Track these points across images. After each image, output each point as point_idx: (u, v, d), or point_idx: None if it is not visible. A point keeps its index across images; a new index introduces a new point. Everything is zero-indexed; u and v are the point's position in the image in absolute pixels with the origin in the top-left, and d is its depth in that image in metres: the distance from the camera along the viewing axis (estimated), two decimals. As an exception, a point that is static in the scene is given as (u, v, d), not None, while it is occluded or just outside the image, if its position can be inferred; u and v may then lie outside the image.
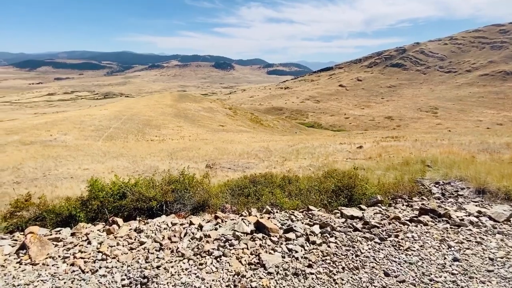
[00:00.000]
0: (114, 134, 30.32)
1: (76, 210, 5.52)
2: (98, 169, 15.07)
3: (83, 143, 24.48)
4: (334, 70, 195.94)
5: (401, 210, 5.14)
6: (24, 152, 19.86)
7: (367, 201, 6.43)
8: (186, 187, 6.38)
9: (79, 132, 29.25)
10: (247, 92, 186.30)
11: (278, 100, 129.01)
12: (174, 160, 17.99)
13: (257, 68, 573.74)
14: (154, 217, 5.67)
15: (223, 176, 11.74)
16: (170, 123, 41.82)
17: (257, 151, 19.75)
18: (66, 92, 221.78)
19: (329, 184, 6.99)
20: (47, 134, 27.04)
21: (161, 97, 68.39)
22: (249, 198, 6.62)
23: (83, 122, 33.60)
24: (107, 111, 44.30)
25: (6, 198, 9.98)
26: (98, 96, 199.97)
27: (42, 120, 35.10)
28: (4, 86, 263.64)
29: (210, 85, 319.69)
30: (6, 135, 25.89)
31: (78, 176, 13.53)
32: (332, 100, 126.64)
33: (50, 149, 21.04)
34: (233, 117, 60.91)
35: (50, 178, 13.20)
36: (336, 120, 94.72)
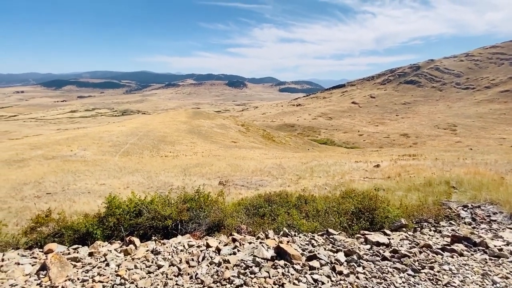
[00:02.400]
0: (130, 149, 31.11)
1: (93, 227, 5.54)
2: (114, 185, 15.32)
3: (100, 158, 25.21)
4: (346, 87, 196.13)
5: (429, 237, 4.81)
6: (46, 166, 20.62)
7: (390, 224, 6.09)
8: (201, 205, 6.31)
9: (98, 147, 30.23)
10: (259, 109, 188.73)
11: (290, 117, 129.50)
12: (188, 176, 18.07)
13: (269, 86, 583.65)
14: (169, 236, 5.59)
15: (237, 194, 11.61)
16: (184, 139, 42.60)
17: (270, 168, 19.56)
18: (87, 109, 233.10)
19: (348, 205, 6.72)
20: (68, 149, 28.12)
21: (176, 114, 70.35)
22: (264, 219, 6.44)
23: (101, 138, 34.81)
24: (124, 128, 45.86)
25: (27, 212, 10.25)
26: (117, 113, 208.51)
27: (64, 136, 36.70)
28: (32, 103, 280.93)
29: (223, 102, 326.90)
30: (30, 149, 27.13)
31: (95, 191, 13.79)
32: (345, 117, 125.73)
33: (70, 164, 21.76)
34: (245, 133, 61.38)
35: (68, 193, 13.51)
36: (349, 137, 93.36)
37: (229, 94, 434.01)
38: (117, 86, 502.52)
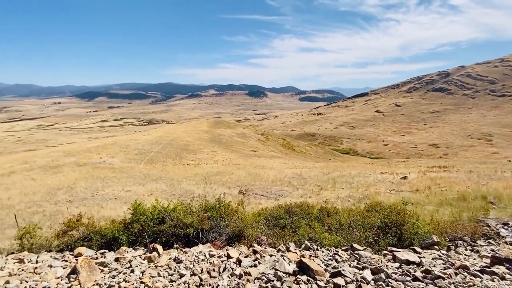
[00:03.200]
0: (154, 157, 32.30)
1: (119, 232, 5.75)
2: (139, 191, 15.90)
3: (127, 166, 26.39)
4: (369, 96, 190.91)
5: (465, 257, 4.42)
6: (78, 172, 21.95)
7: (420, 242, 5.70)
8: (221, 214, 6.34)
9: (125, 155, 31.74)
10: (279, 118, 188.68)
11: (311, 126, 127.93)
12: (208, 184, 18.31)
13: (289, 95, 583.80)
14: (190, 244, 5.65)
15: (256, 204, 11.53)
16: (205, 148, 43.51)
17: (290, 178, 19.29)
18: (116, 119, 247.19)
19: (373, 219, 6.40)
20: (98, 156, 29.79)
21: (198, 123, 72.32)
22: (285, 231, 6.31)
23: (128, 146, 36.55)
24: (149, 136, 47.87)
25: (59, 216, 10.90)
26: (143, 123, 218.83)
27: (94, 144, 39.04)
28: (67, 114, 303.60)
29: (244, 112, 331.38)
30: (64, 156, 29.11)
31: (121, 197, 14.38)
32: (369, 126, 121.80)
33: (99, 170, 22.99)
34: (265, 142, 61.43)
35: (97, 198, 14.22)
36: (373, 147, 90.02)
37: (249, 103, 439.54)
38: (144, 97, 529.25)
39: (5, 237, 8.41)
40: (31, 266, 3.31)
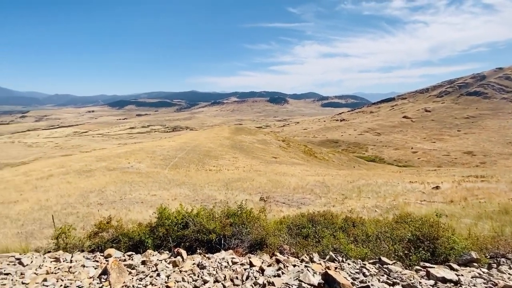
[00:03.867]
0: (178, 163, 33.30)
1: (145, 236, 5.95)
2: (163, 196, 16.42)
3: (153, 171, 27.46)
4: (396, 101, 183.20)
5: (510, 276, 4.00)
6: (108, 177, 23.21)
7: (457, 258, 5.26)
8: (243, 221, 6.33)
9: (151, 160, 33.08)
10: (301, 124, 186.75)
11: (334, 133, 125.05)
12: (230, 190, 18.46)
13: (311, 101, 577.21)
14: (212, 250, 5.69)
15: (278, 211, 11.39)
16: (226, 154, 44.11)
17: (313, 185, 18.88)
18: (144, 126, 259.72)
19: (403, 231, 6.03)
20: (126, 162, 31.34)
21: (220, 130, 73.71)
22: (308, 240, 6.15)
23: (154, 152, 38.09)
24: (174, 143, 49.56)
25: (91, 217, 11.54)
26: (168, 129, 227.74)
27: (123, 150, 41.18)
28: (100, 121, 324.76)
29: (265, 118, 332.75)
30: (96, 161, 30.98)
31: (147, 201, 14.94)
32: (396, 132, 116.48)
33: (127, 175, 24.14)
34: (286, 149, 60.94)
35: (125, 202, 14.90)
36: (401, 155, 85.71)
37: (270, 110, 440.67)
38: (169, 105, 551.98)
39: (43, 236, 9.05)
40: (66, 265, 3.52)
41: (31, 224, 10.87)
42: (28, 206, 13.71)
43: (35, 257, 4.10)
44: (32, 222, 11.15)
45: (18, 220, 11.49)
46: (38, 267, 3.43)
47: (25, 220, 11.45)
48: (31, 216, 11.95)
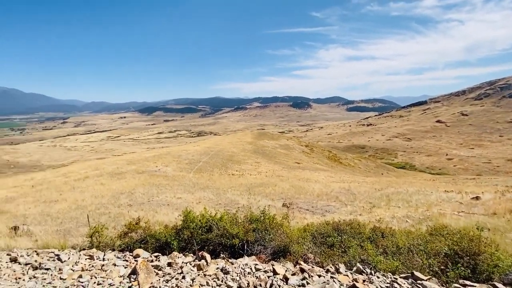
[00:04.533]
0: (202, 167, 34.11)
1: (171, 238, 6.13)
2: (188, 199, 16.85)
3: (178, 174, 28.37)
4: (428, 104, 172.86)
5: None
6: (137, 179, 24.38)
7: (502, 276, 4.76)
8: (266, 227, 6.28)
9: (177, 164, 34.24)
10: (325, 129, 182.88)
11: (360, 138, 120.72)
12: (252, 195, 18.47)
13: (336, 106, 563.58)
14: (235, 255, 5.70)
15: (301, 218, 11.15)
16: (249, 159, 44.36)
17: (337, 192, 18.28)
18: (170, 131, 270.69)
19: (439, 245, 5.59)
20: (154, 165, 32.74)
21: (243, 135, 74.48)
22: (334, 250, 5.92)
23: (180, 156, 39.41)
24: (198, 147, 50.94)
25: (121, 218, 12.15)
26: (193, 134, 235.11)
27: (151, 154, 43.13)
28: (131, 126, 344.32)
29: (287, 123, 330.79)
30: (127, 165, 32.73)
31: (173, 204, 15.42)
32: (428, 138, 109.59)
33: (154, 178, 25.18)
34: (309, 154, 59.88)
35: (152, 204, 15.50)
36: (434, 161, 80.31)
37: (293, 115, 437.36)
38: (195, 111, 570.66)
39: (79, 234, 9.67)
40: (99, 263, 3.71)
41: (69, 222, 11.69)
42: (66, 205, 14.79)
43: (72, 254, 4.39)
44: (70, 220, 11.99)
45: (58, 218, 12.41)
46: (75, 263, 3.67)
47: (63, 218, 12.35)
48: (69, 214, 12.85)
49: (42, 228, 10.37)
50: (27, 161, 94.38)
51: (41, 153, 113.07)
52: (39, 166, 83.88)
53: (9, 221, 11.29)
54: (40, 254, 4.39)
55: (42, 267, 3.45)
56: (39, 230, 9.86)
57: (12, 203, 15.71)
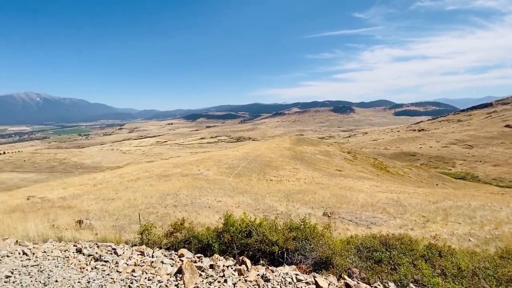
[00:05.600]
0: (241, 172, 34.77)
1: (213, 240, 6.32)
2: (228, 203, 17.28)
3: (218, 178, 29.37)
4: (494, 107, 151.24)
5: None
6: (181, 182, 25.88)
7: None
8: (307, 236, 6.07)
9: (217, 168, 35.51)
10: (369, 135, 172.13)
11: (410, 144, 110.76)
12: (291, 202, 18.14)
13: (382, 110, 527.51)
14: (275, 262, 5.61)
15: (344, 230, 10.55)
16: (287, 165, 43.85)
17: (385, 203, 16.91)
18: (212, 136, 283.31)
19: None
20: (196, 169, 34.45)
21: (281, 141, 74.15)
22: (382, 266, 5.45)
23: (220, 161, 40.83)
24: (237, 152, 52.18)
25: (167, 218, 12.96)
26: (233, 140, 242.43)
27: (194, 158, 45.52)
28: (176, 132, 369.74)
29: (328, 128, 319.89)
30: (173, 168, 35.03)
31: (214, 207, 15.96)
32: (494, 145, 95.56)
33: (197, 181, 26.45)
34: (352, 161, 56.80)
35: (195, 205, 16.25)
36: (503, 172, 69.52)
37: (334, 120, 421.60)
38: (234, 117, 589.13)
39: (131, 231, 10.57)
40: (149, 260, 3.99)
41: (123, 219, 12.87)
42: (121, 203, 16.34)
43: (126, 248, 4.80)
44: (124, 217, 13.20)
45: (114, 214, 13.75)
46: (128, 258, 4.00)
47: (118, 215, 13.64)
48: (123, 212, 14.16)
49: (101, 223, 11.59)
50: (90, 162, 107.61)
51: (101, 156, 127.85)
52: (99, 167, 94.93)
53: (75, 215, 12.88)
54: (100, 247, 4.90)
55: (102, 259, 3.84)
56: (99, 225, 11.03)
57: (78, 199, 17.92)
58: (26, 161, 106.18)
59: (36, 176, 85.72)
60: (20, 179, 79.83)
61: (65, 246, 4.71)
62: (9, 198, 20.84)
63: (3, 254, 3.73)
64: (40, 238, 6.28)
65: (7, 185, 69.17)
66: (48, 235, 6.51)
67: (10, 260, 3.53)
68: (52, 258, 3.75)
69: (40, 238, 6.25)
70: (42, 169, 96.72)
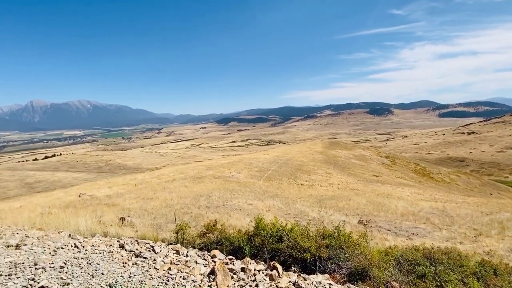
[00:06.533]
0: (271, 175, 34.67)
1: (244, 243, 6.36)
2: (258, 206, 17.31)
3: (249, 181, 29.63)
4: None
5: None
6: (214, 183, 26.62)
7: None
8: (341, 245, 5.81)
9: (248, 171, 35.87)
10: (410, 138, 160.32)
11: (458, 149, 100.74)
12: (323, 208, 17.57)
13: (424, 111, 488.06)
14: (307, 269, 5.46)
15: (382, 239, 9.89)
16: (319, 169, 42.66)
17: (428, 213, 15.52)
18: (243, 140, 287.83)
19: None
20: (228, 171, 35.18)
21: (312, 144, 72.50)
22: (426, 282, 4.99)
23: (251, 164, 41.19)
24: (268, 156, 52.19)
25: (200, 218, 13.39)
26: (263, 143, 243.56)
27: (226, 161, 46.58)
28: (209, 136, 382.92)
29: (363, 131, 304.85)
30: (205, 170, 36.22)
31: (244, 209, 16.11)
32: None
33: (228, 183, 26.98)
34: (390, 167, 53.28)
35: (226, 207, 16.57)
36: None
37: (371, 122, 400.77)
38: (265, 120, 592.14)
39: (167, 229, 11.11)
40: (184, 259, 4.15)
41: (160, 218, 13.60)
42: (158, 203, 17.30)
43: (163, 247, 5.05)
44: (160, 216, 13.94)
45: (152, 213, 14.60)
46: (165, 256, 4.21)
47: (156, 214, 14.45)
48: (160, 211, 14.97)
49: (140, 221, 12.38)
50: (132, 163, 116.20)
51: (141, 158, 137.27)
52: (140, 168, 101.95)
53: (118, 213, 13.93)
54: (139, 244, 5.22)
55: (141, 256, 4.09)
56: (139, 222, 11.79)
57: (120, 198, 19.39)
58: (78, 162, 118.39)
59: (86, 175, 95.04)
60: (73, 178, 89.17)
61: (110, 241, 5.11)
62: (64, 195, 23.38)
63: (58, 246, 4.17)
64: (89, 233, 6.91)
65: (63, 183, 77.79)
66: (96, 230, 7.14)
67: (64, 252, 3.94)
68: (99, 252, 4.10)
69: (88, 233, 6.88)
70: (91, 169, 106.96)
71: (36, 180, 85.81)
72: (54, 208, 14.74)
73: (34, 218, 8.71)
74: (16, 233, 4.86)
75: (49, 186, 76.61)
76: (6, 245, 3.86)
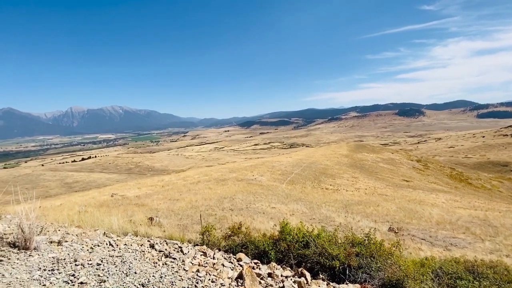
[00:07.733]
0: (294, 179, 34.17)
1: (269, 247, 6.28)
2: (282, 210, 17.11)
3: (272, 184, 29.45)
4: None
5: None
6: (237, 186, 26.83)
7: None
8: (372, 254, 5.51)
9: (270, 174, 35.71)
10: (444, 141, 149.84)
11: (500, 152, 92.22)
12: (350, 214, 16.91)
13: (460, 112, 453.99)
14: (335, 278, 5.24)
15: (416, 249, 9.25)
16: (345, 173, 41.26)
17: (467, 222, 14.29)
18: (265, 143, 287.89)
19: None
20: (251, 174, 35.30)
21: (337, 147, 70.47)
22: (469, 298, 4.55)
23: (273, 167, 40.97)
24: (291, 159, 51.60)
25: (224, 220, 13.52)
26: (286, 146, 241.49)
27: (248, 164, 46.80)
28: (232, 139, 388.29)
29: (392, 134, 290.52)
30: (229, 172, 36.67)
31: (268, 213, 16.00)
32: None
33: (251, 186, 27.04)
34: (422, 171, 50.10)
35: (250, 210, 16.58)
36: None
37: (400, 124, 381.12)
38: (288, 123, 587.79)
39: (193, 230, 11.35)
40: (211, 261, 4.18)
41: (186, 219, 13.95)
42: (184, 204, 17.78)
43: (190, 248, 5.14)
44: (186, 217, 14.30)
45: (178, 214, 15.03)
46: (193, 257, 4.27)
47: (182, 215, 14.85)
48: (186, 212, 15.37)
49: (168, 221, 12.79)
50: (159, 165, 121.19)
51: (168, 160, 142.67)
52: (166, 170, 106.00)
53: (147, 213, 14.52)
54: (168, 244, 5.36)
55: (171, 256, 4.19)
56: (166, 223, 12.18)
57: (149, 198, 20.22)
58: (111, 164, 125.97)
59: (117, 176, 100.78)
60: (106, 179, 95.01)
61: (141, 240, 5.31)
62: (98, 194, 24.92)
63: (95, 243, 4.41)
64: (121, 231, 7.25)
65: (97, 184, 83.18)
66: (127, 229, 7.47)
67: (100, 249, 4.15)
68: (131, 251, 4.27)
69: (121, 231, 7.23)
70: (122, 171, 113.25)
71: (74, 180, 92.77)
72: (89, 206, 15.76)
73: (73, 216, 9.35)
74: (58, 229, 5.23)
75: (85, 186, 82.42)
76: (49, 241, 4.16)
